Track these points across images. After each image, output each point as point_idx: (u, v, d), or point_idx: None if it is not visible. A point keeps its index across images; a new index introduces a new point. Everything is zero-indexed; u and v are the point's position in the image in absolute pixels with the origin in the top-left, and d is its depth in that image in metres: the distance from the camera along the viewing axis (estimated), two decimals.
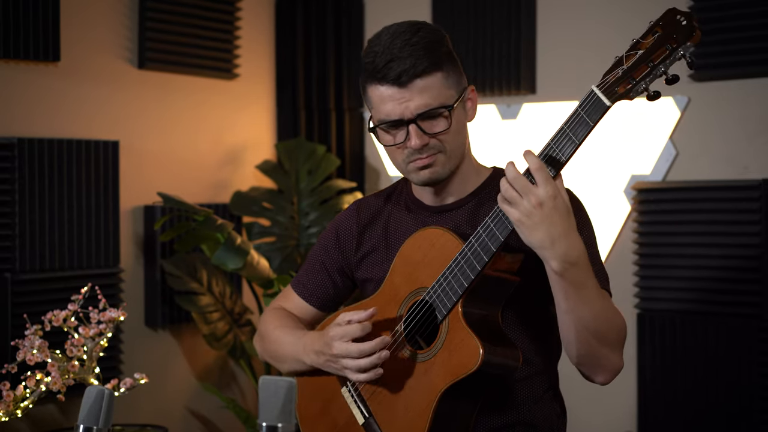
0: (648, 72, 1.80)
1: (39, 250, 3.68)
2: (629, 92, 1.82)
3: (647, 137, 3.84)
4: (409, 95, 2.02)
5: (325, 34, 4.67)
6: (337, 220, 2.32)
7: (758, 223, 3.56)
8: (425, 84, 2.03)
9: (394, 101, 2.04)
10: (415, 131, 2.03)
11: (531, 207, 1.83)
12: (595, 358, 1.99)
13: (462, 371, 1.94)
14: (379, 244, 2.23)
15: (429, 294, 2.02)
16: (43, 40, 3.70)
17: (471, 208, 2.14)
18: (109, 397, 1.97)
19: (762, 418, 3.53)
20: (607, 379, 2.04)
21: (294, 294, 2.36)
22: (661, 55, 1.79)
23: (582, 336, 1.95)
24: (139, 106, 4.11)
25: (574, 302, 1.91)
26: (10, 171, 3.62)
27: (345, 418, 2.17)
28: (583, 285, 1.90)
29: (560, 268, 1.86)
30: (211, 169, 4.41)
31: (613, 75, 1.83)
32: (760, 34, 3.58)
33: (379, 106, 2.07)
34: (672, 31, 1.79)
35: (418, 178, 2.10)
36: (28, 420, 3.63)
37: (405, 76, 2.01)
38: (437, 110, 2.04)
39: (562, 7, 4.09)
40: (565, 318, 1.94)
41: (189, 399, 4.30)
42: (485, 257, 1.94)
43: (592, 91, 1.83)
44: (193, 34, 4.28)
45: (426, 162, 2.06)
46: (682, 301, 3.73)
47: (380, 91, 2.05)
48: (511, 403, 2.10)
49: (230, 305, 4.22)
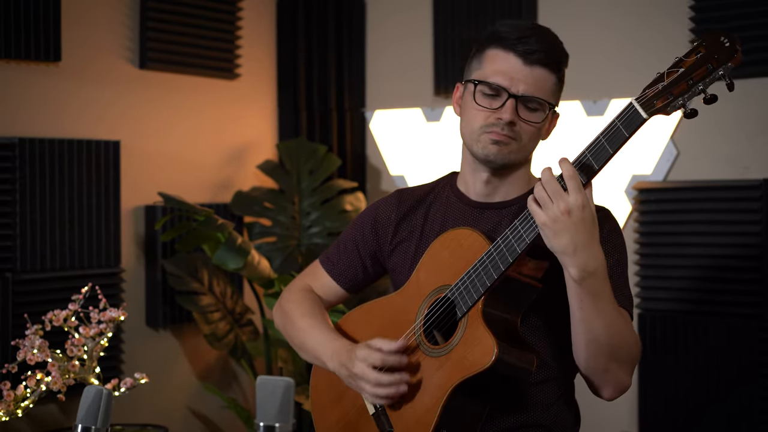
0: (687, 89, 1.84)
1: (40, 249, 3.69)
2: (666, 107, 1.86)
3: (648, 137, 3.84)
4: (526, 75, 2.08)
5: (326, 34, 4.67)
6: (376, 205, 2.34)
7: (759, 223, 3.55)
8: (543, 76, 2.10)
9: (512, 71, 2.09)
10: (511, 106, 2.08)
11: (559, 213, 1.87)
12: (602, 371, 2.02)
13: (475, 368, 1.97)
14: (414, 233, 2.25)
15: (452, 291, 2.05)
16: (44, 40, 3.71)
17: (514, 212, 2.16)
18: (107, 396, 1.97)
19: (762, 418, 3.53)
20: (613, 395, 2.07)
21: (322, 272, 2.38)
22: (701, 74, 1.83)
23: (592, 347, 1.98)
24: (140, 106, 4.12)
25: (589, 312, 1.94)
26: (11, 171, 3.62)
27: (357, 408, 2.20)
28: (599, 296, 1.93)
29: (579, 276, 1.90)
30: (212, 169, 4.41)
31: (652, 90, 1.87)
32: (761, 33, 3.58)
33: (493, 67, 2.11)
34: (714, 52, 1.82)
35: (485, 150, 2.12)
36: (28, 419, 3.63)
37: (535, 55, 2.07)
38: (540, 101, 2.10)
39: (563, 9, 4.09)
40: (578, 326, 1.98)
41: (190, 399, 4.30)
42: (509, 258, 1.96)
43: (631, 104, 1.87)
44: (195, 34, 4.28)
45: (502, 138, 2.10)
46: (682, 301, 3.73)
47: (503, 57, 2.10)
48: (524, 406, 2.11)
49: (231, 305, 4.23)
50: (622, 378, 2.04)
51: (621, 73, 3.89)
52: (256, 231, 4.42)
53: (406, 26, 4.57)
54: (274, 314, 2.42)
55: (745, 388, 3.57)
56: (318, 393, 2.31)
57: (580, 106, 3.96)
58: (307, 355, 2.29)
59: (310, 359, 2.29)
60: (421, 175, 4.44)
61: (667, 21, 3.81)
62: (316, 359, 2.25)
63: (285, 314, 2.37)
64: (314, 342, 2.26)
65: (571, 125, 3.96)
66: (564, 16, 4.08)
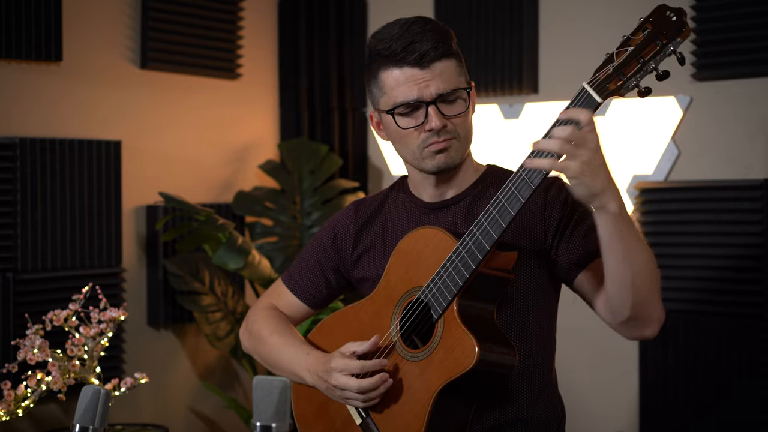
0: (638, 68, 1.81)
1: (41, 249, 3.69)
2: (620, 89, 1.82)
3: (649, 137, 3.83)
4: (429, 76, 2.04)
5: (327, 33, 4.67)
6: (334, 219, 2.32)
7: (760, 223, 3.55)
8: (444, 67, 2.06)
9: (414, 83, 2.05)
10: (434, 112, 2.04)
11: (592, 152, 1.81)
12: (647, 306, 1.98)
13: (458, 370, 1.94)
14: (375, 242, 2.23)
15: (424, 293, 2.02)
16: (45, 40, 3.71)
17: (467, 205, 2.14)
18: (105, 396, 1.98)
19: (763, 419, 3.53)
20: (655, 331, 2.03)
21: (285, 289, 2.35)
22: (651, 51, 1.80)
23: (639, 280, 1.93)
24: (141, 106, 4.12)
25: (631, 243, 1.90)
26: (12, 171, 3.62)
27: (342, 418, 2.17)
28: (633, 225, 1.90)
29: (618, 207, 1.85)
30: (213, 168, 4.41)
31: (603, 72, 1.83)
32: (762, 33, 3.57)
33: (395, 89, 2.07)
34: (662, 28, 1.79)
35: (433, 164, 2.09)
36: (29, 419, 3.63)
37: (427, 57, 2.03)
38: (455, 93, 2.06)
39: (565, 7, 4.08)
40: (620, 268, 1.92)
41: (191, 399, 4.30)
42: (479, 255, 1.94)
43: (583, 88, 1.84)
44: (196, 33, 4.28)
45: (443, 145, 2.07)
46: (683, 301, 3.72)
47: (397, 75, 2.06)
48: (510, 400, 2.09)
49: (232, 305, 4.23)
50: (660, 310, 2.01)
51: None
52: (258, 231, 4.42)
53: None
54: (241, 337, 2.37)
55: (746, 388, 3.57)
56: (300, 406, 2.27)
57: None
58: (283, 373, 2.25)
59: (287, 376, 2.25)
60: None
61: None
62: (294, 375, 2.21)
63: (253, 335, 2.33)
64: (288, 359, 2.22)
65: None
66: (566, 16, 4.08)
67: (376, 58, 2.09)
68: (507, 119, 4.21)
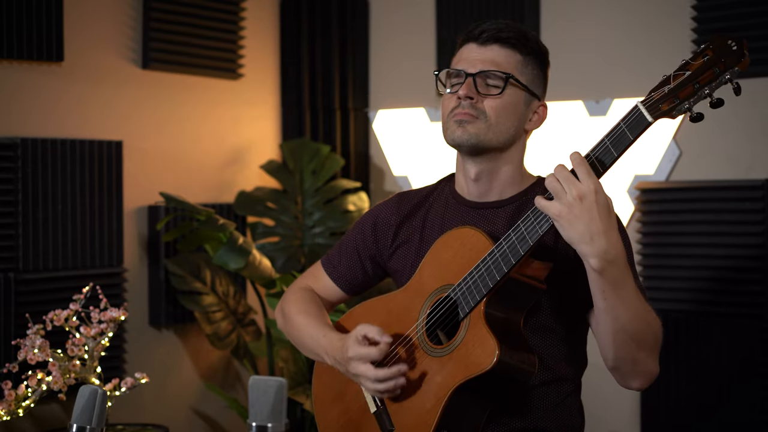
0: (693, 93, 1.82)
1: (42, 249, 3.69)
2: (672, 110, 1.83)
3: (651, 137, 3.82)
4: (482, 54, 2.11)
5: (329, 33, 4.67)
6: (377, 209, 2.35)
7: (761, 223, 3.54)
8: (500, 52, 2.11)
9: (470, 55, 2.13)
10: (468, 83, 2.09)
11: (572, 199, 1.83)
12: (631, 362, 1.98)
13: (476, 369, 1.96)
14: (414, 236, 2.25)
15: (454, 291, 2.04)
16: (46, 40, 3.71)
17: (511, 211, 2.15)
18: (102, 396, 1.98)
19: (764, 419, 3.52)
20: (643, 385, 2.03)
21: (323, 273, 2.39)
22: (708, 77, 1.82)
23: (619, 338, 1.94)
24: (142, 106, 4.12)
25: (612, 302, 1.90)
26: (13, 171, 3.63)
27: (358, 405, 2.19)
28: (621, 285, 1.89)
29: (599, 265, 1.85)
30: (215, 169, 4.41)
31: (658, 93, 1.84)
32: (763, 33, 3.57)
33: (455, 58, 2.17)
34: (722, 56, 1.82)
35: (452, 135, 2.12)
36: (30, 419, 3.64)
37: (486, 34, 2.11)
38: (496, 73, 2.10)
39: (565, 8, 4.08)
40: (603, 318, 1.94)
41: (193, 399, 4.31)
42: (513, 260, 1.95)
43: (636, 107, 1.85)
44: (197, 33, 4.28)
45: (464, 116, 2.09)
46: (685, 301, 3.72)
47: (464, 48, 2.15)
48: (527, 409, 2.10)
49: (234, 305, 4.23)
50: (650, 366, 2.00)
51: (624, 73, 3.88)
52: (259, 231, 4.42)
53: (409, 25, 4.57)
54: (276, 316, 2.43)
55: (747, 389, 3.56)
56: (320, 389, 2.32)
57: (582, 106, 3.95)
58: (307, 352, 2.30)
59: (311, 356, 2.29)
60: (424, 175, 4.44)
61: (670, 21, 3.80)
62: (316, 355, 2.26)
63: (284, 314, 2.38)
64: (307, 337, 2.27)
65: (574, 125, 3.95)
66: (567, 17, 4.07)
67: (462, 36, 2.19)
68: None
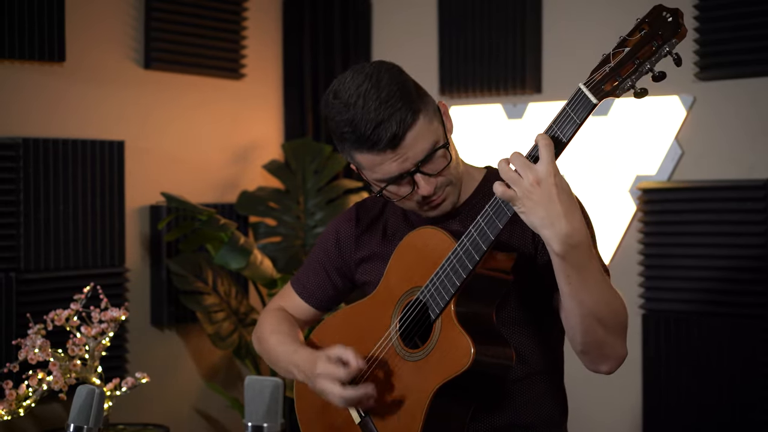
0: (634, 69, 1.79)
1: (44, 249, 3.69)
2: (616, 90, 1.80)
3: (652, 137, 3.82)
4: (405, 150, 1.99)
5: (332, 32, 4.67)
6: (336, 222, 2.33)
7: (763, 223, 3.54)
8: (416, 133, 1.99)
9: (391, 161, 2.00)
10: (422, 179, 2.02)
11: (528, 185, 1.79)
12: (598, 345, 1.95)
13: (454, 370, 1.94)
14: (376, 248, 2.24)
15: (423, 293, 2.02)
16: (48, 40, 3.72)
17: (467, 214, 2.14)
18: (99, 396, 1.98)
19: (765, 419, 3.51)
20: (612, 368, 2.00)
21: (293, 293, 2.38)
22: (647, 52, 1.79)
23: (586, 322, 1.91)
24: (144, 105, 4.13)
25: (576, 286, 1.87)
26: (15, 171, 3.63)
27: (342, 417, 2.17)
28: (585, 268, 1.85)
29: (562, 249, 1.81)
30: (217, 168, 4.42)
31: (599, 73, 1.82)
32: (765, 33, 3.55)
33: (374, 169, 2.03)
34: (658, 28, 1.78)
35: (436, 213, 2.10)
36: (31, 418, 3.64)
37: (397, 138, 1.97)
38: (434, 152, 2.02)
39: (568, 7, 4.08)
40: (567, 303, 1.90)
41: (195, 398, 4.31)
42: (476, 256, 1.93)
43: (579, 89, 1.82)
44: (199, 33, 4.28)
45: (440, 200, 2.07)
46: (686, 302, 3.72)
47: (373, 158, 2.00)
48: (508, 404, 2.09)
49: (235, 305, 4.23)
50: (618, 349, 1.97)
51: None
52: (261, 231, 4.42)
53: (411, 26, 4.56)
54: (252, 340, 2.42)
55: (748, 389, 3.56)
56: (302, 404, 2.30)
57: None
58: (281, 370, 2.28)
59: (285, 374, 2.27)
60: None
61: None
62: (288, 372, 2.23)
63: (258, 337, 2.37)
64: (279, 354, 2.25)
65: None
66: (569, 16, 4.07)
67: (343, 138, 2.02)
68: (510, 119, 4.20)
